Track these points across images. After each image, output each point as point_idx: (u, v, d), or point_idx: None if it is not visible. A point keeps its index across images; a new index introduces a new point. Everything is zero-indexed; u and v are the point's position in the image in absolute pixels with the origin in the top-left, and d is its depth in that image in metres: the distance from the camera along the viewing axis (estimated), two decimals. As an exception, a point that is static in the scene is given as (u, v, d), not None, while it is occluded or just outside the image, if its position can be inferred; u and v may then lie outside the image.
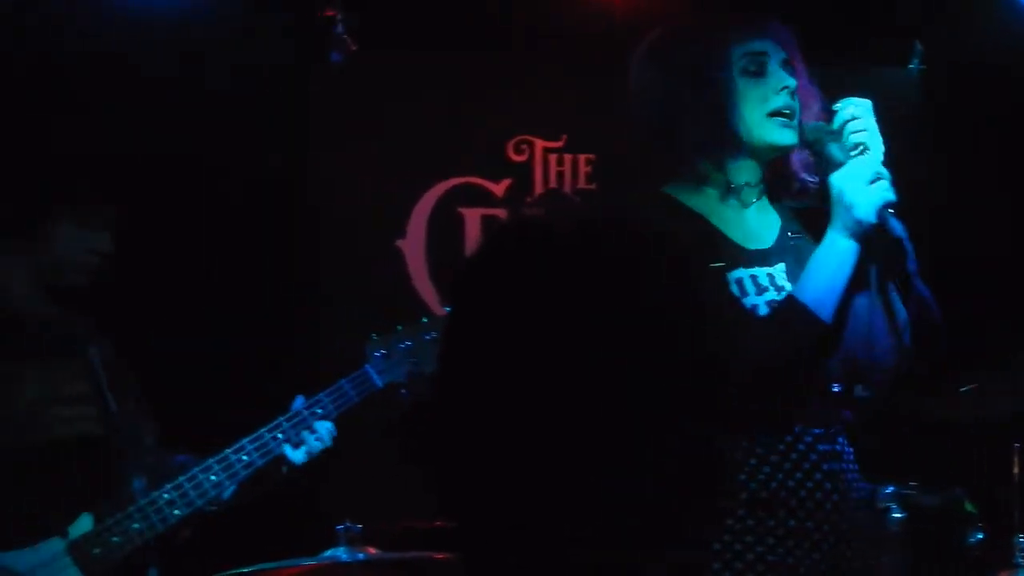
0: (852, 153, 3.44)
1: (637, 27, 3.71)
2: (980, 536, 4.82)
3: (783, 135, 3.48)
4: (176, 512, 4.00)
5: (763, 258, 3.51)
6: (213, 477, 4.03)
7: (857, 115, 3.47)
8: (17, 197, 3.96)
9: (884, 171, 3.41)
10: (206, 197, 5.95)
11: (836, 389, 3.46)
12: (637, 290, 1.60)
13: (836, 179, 3.43)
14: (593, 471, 1.57)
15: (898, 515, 4.53)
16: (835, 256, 3.40)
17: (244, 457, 4.05)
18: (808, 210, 3.60)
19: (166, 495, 4.00)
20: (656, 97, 3.46)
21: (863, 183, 3.38)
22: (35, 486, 3.90)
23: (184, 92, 5.84)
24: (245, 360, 5.89)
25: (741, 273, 3.45)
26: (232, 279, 6.01)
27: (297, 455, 4.10)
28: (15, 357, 3.96)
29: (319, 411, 4.11)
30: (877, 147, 3.45)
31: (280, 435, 4.08)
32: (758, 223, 3.56)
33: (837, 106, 3.50)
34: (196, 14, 5.83)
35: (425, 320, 4.24)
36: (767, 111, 3.47)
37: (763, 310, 3.41)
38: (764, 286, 3.45)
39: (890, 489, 4.54)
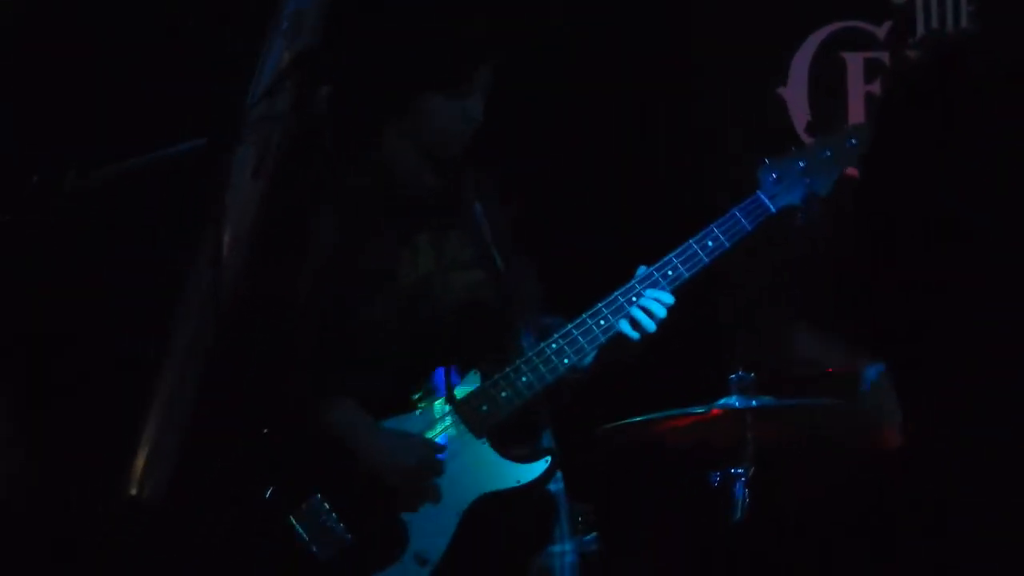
0: None
1: None
2: None
3: None
4: (565, 361, 3.91)
5: None
6: (603, 322, 3.92)
7: None
8: (393, 76, 4.04)
9: None
10: (584, 51, 5.98)
11: None
12: None
13: None
14: None
15: None
16: None
17: (633, 298, 3.93)
18: None
19: (554, 345, 3.91)
20: None
21: None
22: (425, 353, 3.96)
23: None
24: (625, 210, 5.92)
25: None
26: (616, 129, 6.03)
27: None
28: (408, 231, 4.02)
29: (710, 244, 3.96)
30: None
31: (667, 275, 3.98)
32: None
33: None
34: None
35: (818, 136, 4.07)
36: None
37: None
38: None
39: None
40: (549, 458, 3.95)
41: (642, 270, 3.97)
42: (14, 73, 5.41)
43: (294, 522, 3.85)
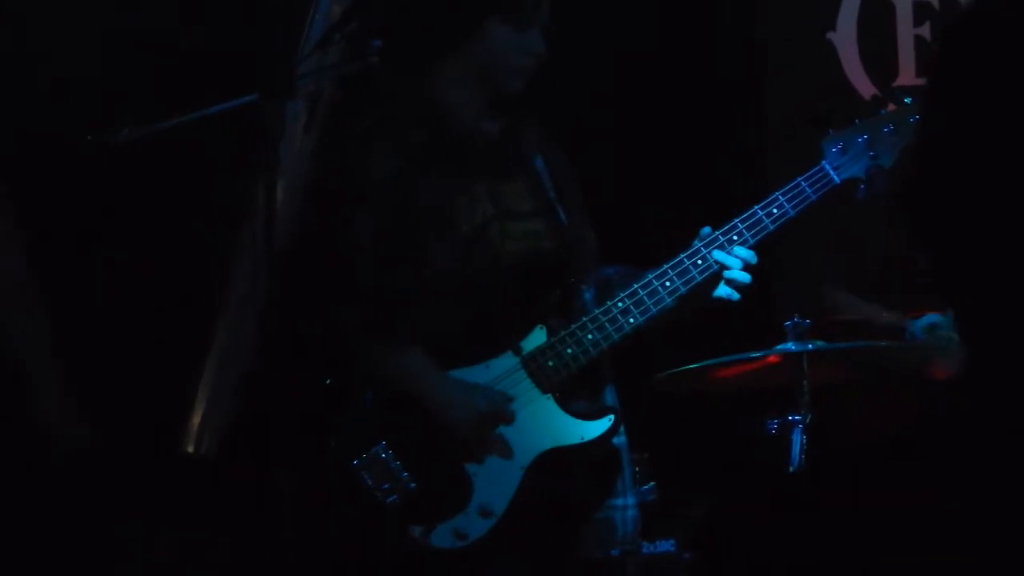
0: None
1: None
2: None
3: None
4: (631, 321, 3.90)
5: None
6: (668, 283, 3.92)
7: None
8: (450, 5, 3.98)
9: None
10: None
11: None
12: None
13: None
14: None
15: None
16: None
17: (699, 261, 3.94)
18: None
19: (620, 304, 3.90)
20: None
21: None
22: (487, 304, 3.93)
23: None
24: (681, 162, 5.91)
25: None
26: (659, 76, 6.03)
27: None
28: (466, 178, 3.97)
29: (775, 211, 3.97)
30: None
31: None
32: None
33: None
34: None
35: (884, 112, 4.06)
36: None
37: None
38: None
39: None
40: (612, 416, 3.95)
41: (706, 230, 3.96)
42: (62, 38, 5.42)
43: (358, 470, 3.86)
